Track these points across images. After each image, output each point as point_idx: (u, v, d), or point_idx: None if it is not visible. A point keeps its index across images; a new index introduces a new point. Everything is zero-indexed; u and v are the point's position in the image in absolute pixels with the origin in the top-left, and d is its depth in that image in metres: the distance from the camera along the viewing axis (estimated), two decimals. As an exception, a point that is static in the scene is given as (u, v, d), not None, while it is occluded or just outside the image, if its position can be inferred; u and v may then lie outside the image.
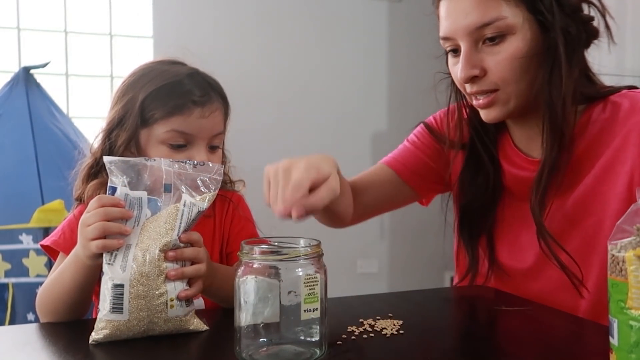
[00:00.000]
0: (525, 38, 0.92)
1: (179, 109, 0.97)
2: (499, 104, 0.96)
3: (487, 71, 0.94)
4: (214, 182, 0.83)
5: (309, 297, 0.66)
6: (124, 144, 0.98)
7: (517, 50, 0.92)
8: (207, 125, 0.99)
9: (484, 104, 0.97)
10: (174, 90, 0.98)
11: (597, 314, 0.94)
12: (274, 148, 2.78)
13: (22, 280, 1.88)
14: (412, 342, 0.79)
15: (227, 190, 1.14)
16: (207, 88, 1.02)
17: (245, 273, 0.68)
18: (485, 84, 0.95)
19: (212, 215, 1.09)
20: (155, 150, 0.98)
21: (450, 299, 1.04)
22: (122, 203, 0.79)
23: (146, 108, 0.98)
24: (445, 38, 0.98)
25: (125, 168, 0.80)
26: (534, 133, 1.01)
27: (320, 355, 0.69)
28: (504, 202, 1.08)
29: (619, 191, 0.93)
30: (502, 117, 0.98)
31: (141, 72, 1.03)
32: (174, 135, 0.97)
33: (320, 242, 0.70)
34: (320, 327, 0.69)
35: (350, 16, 2.94)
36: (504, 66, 0.93)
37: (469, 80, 0.96)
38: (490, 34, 0.92)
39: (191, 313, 0.81)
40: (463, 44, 0.95)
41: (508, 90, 0.95)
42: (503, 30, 0.92)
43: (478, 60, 0.94)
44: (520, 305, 0.96)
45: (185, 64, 1.06)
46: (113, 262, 0.78)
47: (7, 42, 2.46)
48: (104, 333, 0.76)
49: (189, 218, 0.80)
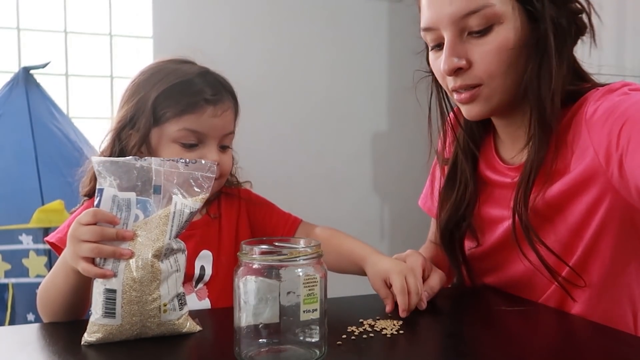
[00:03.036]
0: (513, 28, 0.87)
1: (191, 108, 0.97)
2: (482, 99, 0.92)
3: (473, 63, 0.89)
4: (207, 180, 0.81)
5: (308, 298, 0.66)
6: (137, 145, 0.97)
7: (506, 40, 0.87)
8: (218, 124, 1.00)
9: (465, 99, 0.92)
10: (186, 89, 0.98)
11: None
12: (274, 148, 2.78)
13: (22, 281, 1.88)
14: (412, 342, 0.79)
15: (231, 187, 1.14)
16: (218, 87, 1.02)
17: (244, 273, 0.68)
18: (469, 78, 0.90)
19: (217, 216, 1.09)
20: (167, 150, 0.98)
21: (450, 299, 1.04)
22: (118, 220, 0.77)
23: (158, 107, 0.98)
24: (428, 29, 0.93)
25: (114, 169, 0.78)
26: (520, 134, 0.98)
27: (320, 356, 0.69)
28: (483, 205, 1.06)
29: (589, 192, 0.89)
30: (485, 113, 0.94)
31: (151, 70, 1.03)
32: (185, 134, 0.97)
33: (320, 243, 0.70)
34: (320, 328, 0.68)
35: (350, 16, 2.93)
36: (490, 58, 0.88)
37: (452, 72, 0.91)
38: (477, 23, 0.87)
39: (184, 316, 0.80)
40: (447, 34, 0.90)
41: (493, 85, 0.90)
42: (490, 19, 0.87)
43: (463, 51, 0.89)
44: (520, 305, 0.96)
45: (195, 63, 1.06)
46: (103, 266, 0.76)
47: (7, 42, 2.45)
48: (96, 336, 0.75)
49: (180, 220, 0.78)
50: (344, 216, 2.80)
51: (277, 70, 2.81)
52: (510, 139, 1.02)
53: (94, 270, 0.76)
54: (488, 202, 1.06)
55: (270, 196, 1.18)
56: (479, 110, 0.94)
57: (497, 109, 0.94)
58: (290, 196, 2.68)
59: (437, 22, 0.91)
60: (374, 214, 2.96)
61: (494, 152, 1.05)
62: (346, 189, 2.92)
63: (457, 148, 1.08)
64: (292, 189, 2.76)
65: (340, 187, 2.91)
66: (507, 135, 1.02)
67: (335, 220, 2.74)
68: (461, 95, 0.93)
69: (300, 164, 2.83)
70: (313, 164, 2.87)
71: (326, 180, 2.88)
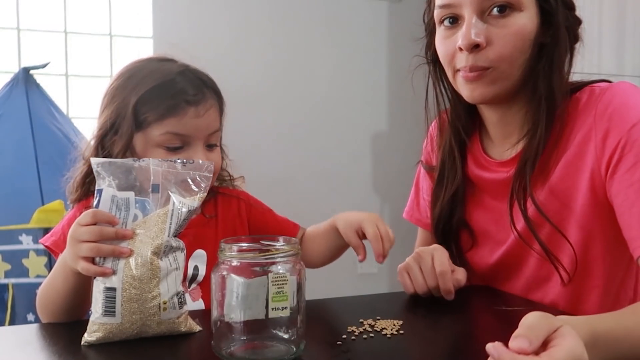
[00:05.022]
0: (530, 19, 0.91)
1: (172, 110, 0.94)
2: (487, 81, 0.93)
3: (490, 43, 0.91)
4: (205, 179, 0.81)
5: (277, 296, 0.67)
6: (122, 151, 0.96)
7: (523, 27, 0.91)
8: (202, 124, 0.97)
9: (472, 77, 0.94)
10: (165, 91, 0.96)
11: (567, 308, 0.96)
12: (274, 148, 2.78)
13: (22, 281, 1.88)
14: (412, 342, 0.79)
15: (228, 187, 1.13)
16: (200, 85, 0.99)
17: (221, 270, 0.69)
18: (481, 59, 0.92)
19: (214, 216, 1.08)
20: (153, 154, 0.95)
21: (450, 299, 1.04)
22: (117, 220, 0.77)
23: (139, 111, 0.95)
24: (446, 5, 0.94)
25: (112, 169, 0.78)
26: (511, 130, 1.00)
27: (297, 353, 0.70)
28: (474, 206, 1.08)
29: (580, 188, 0.93)
30: (486, 96, 0.96)
31: (129, 72, 1.00)
32: (169, 137, 0.95)
33: (297, 242, 0.72)
34: (299, 326, 0.70)
35: (350, 16, 2.94)
36: (506, 41, 0.91)
37: (470, 48, 0.92)
38: (500, 2, 0.90)
39: (184, 315, 0.80)
40: (468, 12, 0.92)
41: (501, 68, 0.92)
42: (513, 3, 0.90)
43: (482, 30, 0.91)
44: (520, 305, 0.96)
45: (175, 60, 1.02)
46: (103, 264, 0.76)
47: (7, 43, 2.46)
48: (96, 335, 0.76)
49: (179, 218, 0.78)
50: (344, 216, 2.80)
51: (277, 70, 2.81)
52: (501, 135, 1.03)
53: (93, 269, 0.76)
54: (480, 202, 1.07)
55: (270, 196, 1.19)
56: (481, 92, 0.95)
57: (499, 95, 0.96)
58: (290, 196, 2.69)
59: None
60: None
61: (481, 151, 1.06)
62: (346, 189, 2.92)
63: (445, 147, 1.09)
64: (292, 189, 2.76)
65: (340, 187, 2.91)
66: (498, 131, 1.04)
67: (335, 220, 2.74)
68: (468, 74, 0.94)
69: (300, 164, 2.84)
70: (313, 164, 2.87)
71: (326, 180, 2.89)
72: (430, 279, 0.97)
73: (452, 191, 1.07)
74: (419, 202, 1.22)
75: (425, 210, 1.19)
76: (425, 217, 1.19)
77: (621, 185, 0.87)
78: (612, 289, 0.97)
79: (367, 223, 0.97)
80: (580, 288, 0.97)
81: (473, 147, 1.08)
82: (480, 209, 1.07)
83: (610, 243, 0.93)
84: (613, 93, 0.91)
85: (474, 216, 1.09)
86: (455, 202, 1.08)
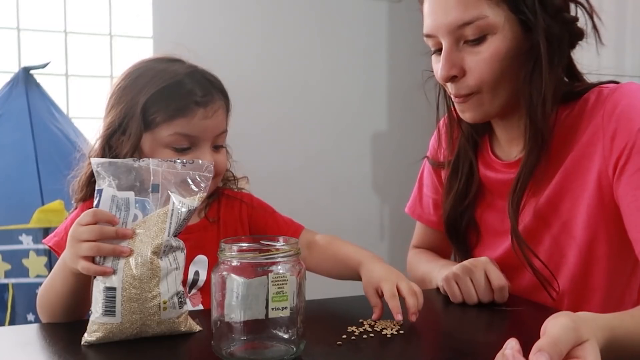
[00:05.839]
0: (506, 38, 0.91)
1: (181, 112, 0.95)
2: (474, 105, 0.96)
3: (467, 72, 0.93)
4: (205, 179, 0.81)
5: (277, 296, 0.67)
6: (130, 151, 0.95)
7: (497, 50, 0.91)
8: (210, 126, 0.98)
9: (459, 102, 0.98)
10: (175, 92, 0.96)
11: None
12: (274, 148, 2.78)
13: (22, 281, 1.88)
14: (412, 342, 0.79)
15: (232, 189, 1.13)
16: (208, 87, 0.99)
17: (221, 270, 0.69)
18: (462, 88, 0.95)
19: (216, 220, 1.08)
20: (161, 154, 0.96)
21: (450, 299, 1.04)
22: (117, 220, 0.77)
23: (147, 111, 0.95)
24: (428, 35, 0.98)
25: (112, 169, 0.79)
26: (517, 135, 1.01)
27: (297, 353, 0.70)
28: (483, 204, 1.10)
29: (587, 188, 0.93)
30: (479, 118, 0.99)
31: (137, 72, 1.00)
32: (177, 138, 0.96)
33: (297, 242, 0.72)
34: (299, 326, 0.70)
35: (350, 16, 2.93)
36: (482, 67, 0.92)
37: (448, 79, 0.95)
38: (471, 33, 0.91)
39: (184, 315, 0.80)
40: (444, 42, 0.94)
41: (485, 92, 0.94)
42: (484, 29, 0.91)
43: (458, 60, 0.93)
44: (521, 305, 0.96)
45: (183, 60, 1.03)
46: (103, 263, 0.76)
47: (7, 43, 2.45)
48: (96, 335, 0.76)
49: (179, 218, 0.78)
50: (344, 216, 2.80)
51: (276, 70, 2.81)
52: (508, 138, 1.05)
53: (93, 268, 0.76)
54: (487, 201, 1.08)
55: (270, 196, 1.18)
56: (472, 115, 0.99)
57: (492, 114, 0.99)
58: (290, 196, 2.68)
59: (435, 30, 0.95)
60: (374, 214, 2.96)
61: (489, 151, 1.08)
62: (346, 189, 2.92)
63: (460, 140, 1.10)
64: (292, 189, 2.76)
65: (340, 187, 2.91)
66: (505, 135, 1.06)
67: (335, 221, 2.75)
68: (456, 99, 0.98)
69: (300, 164, 2.83)
70: (313, 164, 2.87)
71: (326, 180, 2.88)
72: (485, 294, 0.96)
73: (464, 184, 1.08)
74: (422, 198, 1.22)
75: (427, 206, 1.20)
76: (427, 214, 1.20)
77: (628, 186, 0.87)
78: (617, 290, 0.97)
79: (385, 283, 0.89)
80: (584, 289, 0.97)
81: (482, 147, 1.10)
82: (487, 208, 1.09)
83: (615, 244, 0.94)
84: (621, 94, 0.91)
85: (481, 214, 1.10)
86: (466, 196, 1.09)
